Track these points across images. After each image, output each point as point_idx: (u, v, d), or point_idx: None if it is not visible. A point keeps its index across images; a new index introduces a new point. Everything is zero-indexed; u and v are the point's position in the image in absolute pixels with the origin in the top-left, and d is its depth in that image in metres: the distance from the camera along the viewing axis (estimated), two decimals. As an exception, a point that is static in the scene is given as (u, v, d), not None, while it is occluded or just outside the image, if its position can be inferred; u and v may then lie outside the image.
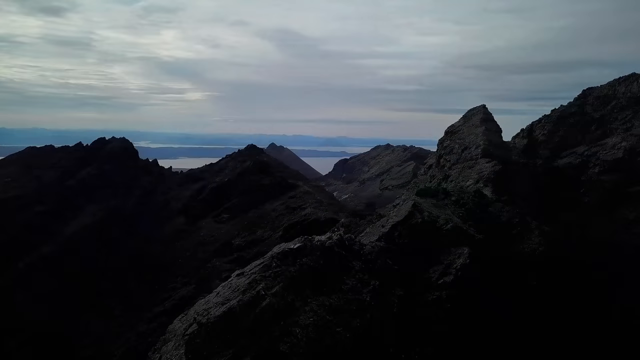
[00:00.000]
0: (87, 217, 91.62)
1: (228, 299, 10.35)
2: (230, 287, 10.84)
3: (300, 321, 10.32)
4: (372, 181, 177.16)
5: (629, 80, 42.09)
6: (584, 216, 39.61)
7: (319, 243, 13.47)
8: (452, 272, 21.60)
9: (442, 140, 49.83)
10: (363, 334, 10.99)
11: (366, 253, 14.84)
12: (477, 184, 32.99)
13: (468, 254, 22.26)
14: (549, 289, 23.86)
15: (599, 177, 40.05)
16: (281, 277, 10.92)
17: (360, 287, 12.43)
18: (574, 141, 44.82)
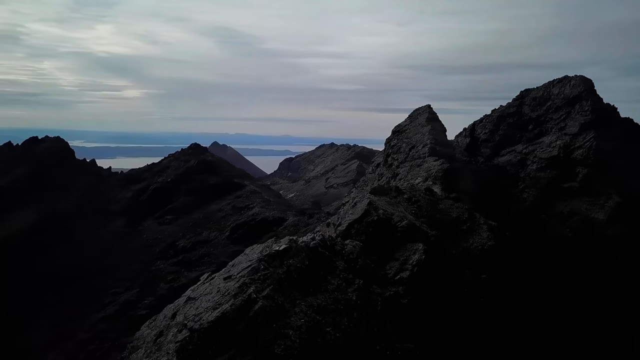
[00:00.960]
0: (19, 221, 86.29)
1: (219, 303, 10.11)
2: (220, 291, 10.58)
3: (292, 323, 10.27)
4: (318, 180, 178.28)
5: (562, 83, 44.73)
6: (524, 211, 41.75)
7: (304, 244, 13.44)
8: (408, 268, 22.06)
9: (389, 139, 50.91)
10: (352, 333, 11.07)
11: (348, 252, 14.94)
12: (427, 182, 33.98)
13: (423, 250, 22.84)
14: (499, 282, 24.96)
15: (536, 173, 42.29)
16: (270, 279, 10.81)
17: (345, 286, 12.52)
18: (513, 140, 47.12)
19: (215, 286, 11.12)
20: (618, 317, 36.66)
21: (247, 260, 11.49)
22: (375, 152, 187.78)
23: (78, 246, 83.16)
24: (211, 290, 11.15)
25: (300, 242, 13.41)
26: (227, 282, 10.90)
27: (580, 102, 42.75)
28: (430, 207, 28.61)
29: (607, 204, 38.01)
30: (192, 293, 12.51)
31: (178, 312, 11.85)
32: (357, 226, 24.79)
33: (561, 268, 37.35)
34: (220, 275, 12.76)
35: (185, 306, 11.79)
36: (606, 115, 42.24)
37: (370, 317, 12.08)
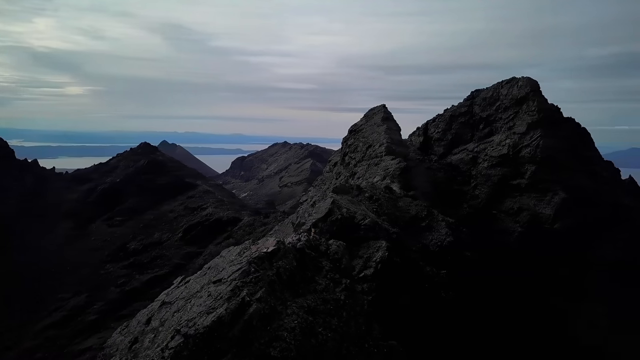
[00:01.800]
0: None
1: (213, 307, 9.86)
2: (211, 296, 10.32)
3: (286, 325, 10.18)
4: (271, 179, 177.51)
5: (510, 84, 46.59)
6: (476, 207, 43.25)
7: (291, 245, 13.33)
8: (372, 265, 22.36)
9: (346, 138, 51.41)
10: (342, 333, 11.11)
11: (332, 252, 14.97)
12: (385, 180, 34.57)
13: (386, 247, 23.18)
14: (459, 277, 25.76)
15: (487, 171, 43.86)
16: (262, 282, 10.65)
17: (333, 286, 12.53)
18: (465, 139, 48.65)
19: (205, 290, 10.88)
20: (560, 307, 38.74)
21: (236, 263, 11.29)
22: (329, 151, 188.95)
23: (22, 250, 79.01)
24: (200, 294, 10.90)
25: (287, 243, 13.33)
26: (217, 285, 10.68)
27: (527, 102, 44.67)
28: (390, 205, 29.15)
29: (553, 199, 39.96)
30: (166, 297, 12.16)
31: (153, 317, 11.52)
32: (321, 225, 24.87)
33: (512, 261, 39.01)
34: (196, 279, 12.50)
35: (160, 311, 11.47)
36: (551, 115, 44.38)
37: (358, 316, 12.20)
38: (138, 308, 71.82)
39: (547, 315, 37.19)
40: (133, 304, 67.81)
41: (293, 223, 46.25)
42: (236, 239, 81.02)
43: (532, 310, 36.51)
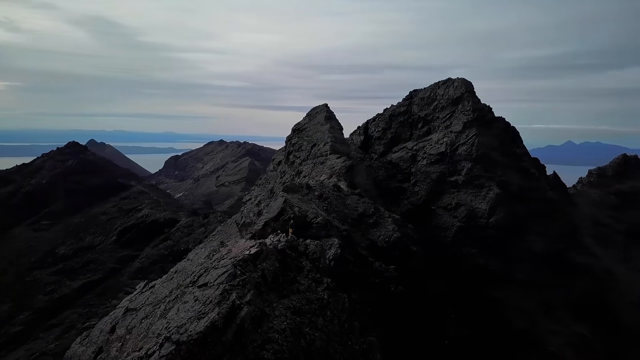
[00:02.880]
0: None
1: (203, 312, 9.62)
2: (199, 301, 10.05)
3: (276, 326, 10.13)
4: (207, 178, 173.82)
5: (446, 85, 48.67)
6: (416, 203, 44.85)
7: (272, 246, 13.20)
8: (326, 262, 22.73)
9: (289, 137, 51.53)
10: (328, 331, 11.22)
11: (311, 252, 14.97)
12: (331, 179, 35.07)
13: (338, 244, 23.64)
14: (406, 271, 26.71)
15: (426, 168, 45.59)
16: (249, 284, 10.51)
17: (315, 286, 12.58)
18: (404, 137, 50.27)
19: (190, 295, 10.62)
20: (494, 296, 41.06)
21: (220, 266, 11.11)
22: (267, 149, 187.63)
23: None
24: (185, 299, 10.63)
25: (269, 245, 13.26)
26: (204, 290, 10.46)
27: (462, 102, 46.88)
28: (339, 203, 29.69)
29: (488, 195, 42.25)
30: (130, 304, 11.76)
31: (117, 325, 11.12)
32: (274, 224, 24.96)
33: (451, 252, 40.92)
34: (163, 283, 12.19)
35: (125, 318, 11.09)
36: (484, 115, 46.86)
37: (341, 314, 12.40)
38: (69, 316, 68.02)
39: (483, 303, 39.32)
40: (64, 312, 64.32)
41: (237, 223, 45.89)
42: (174, 240, 78.98)
43: (471, 299, 38.45)
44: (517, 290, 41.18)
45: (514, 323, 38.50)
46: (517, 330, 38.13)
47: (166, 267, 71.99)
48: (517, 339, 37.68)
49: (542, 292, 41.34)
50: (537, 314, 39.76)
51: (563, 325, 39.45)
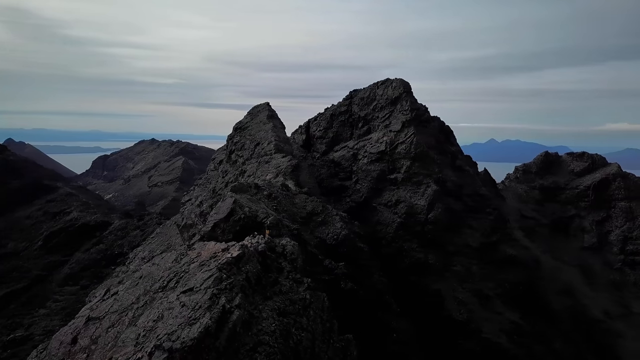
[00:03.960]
0: None
1: (194, 318, 9.24)
2: (186, 306, 9.66)
3: (265, 329, 9.96)
4: (139, 178, 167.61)
5: (385, 85, 50.02)
6: (358, 201, 45.77)
7: (253, 249, 12.91)
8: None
9: (231, 136, 50.85)
10: (312, 331, 11.20)
11: (289, 253, 14.78)
12: (278, 178, 35.05)
13: (291, 244, 23.69)
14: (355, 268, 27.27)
15: (367, 167, 46.63)
16: (236, 287, 10.23)
17: (296, 286, 12.47)
18: (345, 136, 51.11)
19: (176, 301, 10.21)
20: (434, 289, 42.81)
21: (205, 270, 10.78)
22: (202, 148, 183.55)
23: None
24: (170, 305, 10.23)
25: (250, 247, 13.01)
26: (190, 295, 10.10)
27: (400, 102, 48.36)
28: (288, 202, 29.77)
29: (426, 192, 43.91)
30: (92, 313, 11.17)
31: (79, 335, 10.56)
32: (224, 225, 24.60)
33: (393, 248, 42.16)
34: (127, 289, 11.71)
35: (87, 328, 10.54)
36: (421, 114, 48.62)
37: (322, 313, 12.44)
38: (-11, 329, 63.22)
39: (425, 296, 40.90)
40: (-16, 324, 59.76)
41: (178, 225, 44.65)
42: (107, 244, 75.52)
43: (413, 292, 39.87)
44: (455, 282, 43.18)
45: (453, 314, 40.32)
46: (456, 320, 39.97)
47: (99, 272, 68.94)
48: (457, 328, 39.52)
49: (477, 284, 43.61)
50: (473, 304, 41.87)
51: (497, 314, 41.82)
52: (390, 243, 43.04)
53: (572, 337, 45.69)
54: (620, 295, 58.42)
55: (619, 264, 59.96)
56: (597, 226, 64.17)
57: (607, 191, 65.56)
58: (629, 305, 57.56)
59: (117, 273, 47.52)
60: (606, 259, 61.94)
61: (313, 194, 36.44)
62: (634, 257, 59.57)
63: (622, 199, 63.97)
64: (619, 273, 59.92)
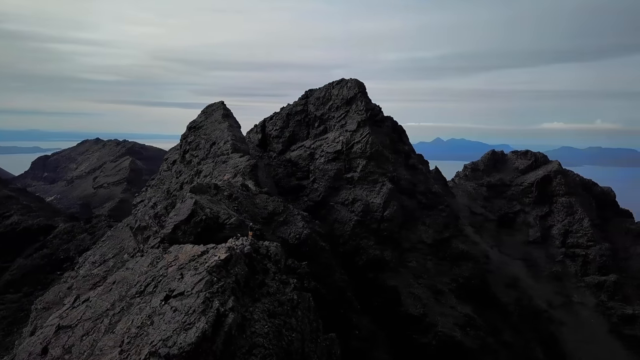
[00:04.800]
0: None
1: (188, 322, 8.92)
2: (179, 311, 9.32)
3: (258, 331, 9.79)
4: (83, 179, 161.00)
5: (340, 85, 50.54)
6: (316, 200, 46.04)
7: (239, 251, 12.60)
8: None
9: (185, 135, 49.81)
10: (301, 331, 11.13)
11: (273, 254, 14.54)
12: (237, 178, 34.67)
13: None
14: (317, 264, 27.46)
15: (324, 166, 46.98)
16: (227, 290, 9.97)
17: (283, 287, 12.31)
18: (301, 136, 51.25)
19: (166, 306, 9.86)
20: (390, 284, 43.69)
21: (194, 274, 10.46)
22: (150, 147, 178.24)
23: None
24: (160, 310, 9.87)
25: (236, 249, 12.75)
26: (181, 299, 9.77)
27: (355, 102, 49.02)
28: (249, 203, 29.55)
29: (382, 190, 44.75)
30: (61, 321, 10.67)
31: (50, 345, 10.09)
32: (185, 227, 24.16)
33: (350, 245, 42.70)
34: (101, 296, 11.28)
35: (58, 337, 10.07)
36: (376, 114, 49.49)
37: (309, 313, 12.40)
38: None
39: (382, 292, 41.67)
40: None
41: (132, 227, 43.37)
42: (52, 249, 72.22)
43: (371, 288, 40.54)
44: (411, 278, 44.26)
45: (410, 309, 41.30)
46: (413, 315, 40.96)
47: (43, 279, 65.84)
48: (413, 323, 40.51)
49: (432, 279, 44.91)
50: (428, 299, 43.06)
51: (451, 308, 43.20)
52: (347, 241, 43.56)
53: (520, 327, 47.92)
54: (561, 286, 61.78)
55: (561, 257, 63.39)
56: (541, 221, 67.54)
57: (549, 187, 69.11)
58: (570, 295, 60.99)
59: (65, 279, 45.53)
60: (549, 252, 65.32)
61: (272, 194, 36.36)
62: (574, 250, 63.14)
63: (562, 195, 67.63)
64: (560, 265, 63.34)
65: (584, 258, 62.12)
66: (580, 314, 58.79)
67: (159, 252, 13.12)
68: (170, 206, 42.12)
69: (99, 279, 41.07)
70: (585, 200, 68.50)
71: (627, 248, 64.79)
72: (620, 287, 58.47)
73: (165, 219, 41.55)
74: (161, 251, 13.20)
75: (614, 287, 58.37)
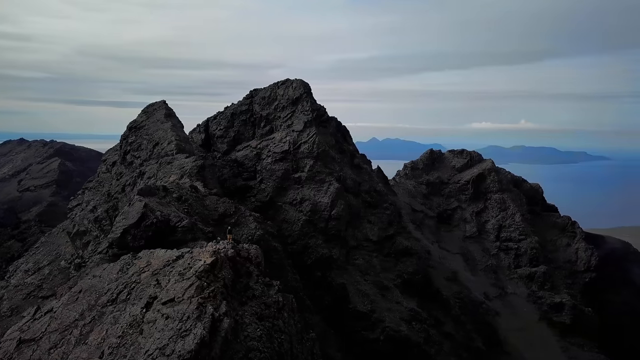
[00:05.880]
0: None
1: (184, 329, 8.47)
2: (172, 318, 8.84)
3: (251, 334, 9.52)
4: (6, 182, 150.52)
5: (286, 85, 50.58)
6: (264, 200, 45.82)
7: (224, 254, 12.14)
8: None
9: (125, 135, 47.91)
10: (289, 333, 10.98)
11: (253, 257, 14.12)
12: (184, 179, 33.86)
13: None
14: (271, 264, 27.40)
15: (271, 166, 46.85)
16: (219, 295, 9.61)
17: (267, 290, 12.03)
18: (247, 136, 50.82)
19: (157, 313, 9.37)
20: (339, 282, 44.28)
21: (180, 280, 10.01)
22: (80, 148, 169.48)
23: None
24: (149, 318, 9.37)
25: (221, 253, 12.33)
26: (173, 306, 9.30)
27: (301, 102, 49.25)
28: (199, 205, 29.01)
29: (329, 189, 45.27)
30: (23, 334, 9.93)
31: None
32: (135, 231, 23.41)
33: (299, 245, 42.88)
34: (67, 306, 10.64)
35: (20, 352, 9.37)
36: (322, 114, 49.99)
37: (294, 314, 12.26)
38: None
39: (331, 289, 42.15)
40: None
41: (69, 232, 41.36)
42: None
43: (321, 286, 40.92)
44: (358, 275, 45.07)
45: (358, 306, 42.05)
46: (361, 312, 41.74)
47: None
48: (362, 320, 41.30)
49: (378, 275, 45.96)
50: (375, 295, 44.03)
51: (397, 303, 44.41)
52: (296, 240, 43.69)
53: (460, 319, 50.01)
54: (496, 278, 65.18)
55: (495, 250, 66.85)
56: (476, 217, 70.85)
57: (483, 185, 72.64)
58: (504, 286, 64.48)
59: (-7, 289, 42.52)
60: (484, 246, 68.69)
61: (221, 195, 35.82)
62: (507, 244, 66.78)
63: (496, 192, 71.31)
64: (495, 258, 66.80)
65: (516, 251, 65.84)
66: (513, 304, 62.31)
67: (128, 257, 12.62)
68: (112, 209, 40.48)
69: (34, 288, 38.75)
70: (516, 197, 72.55)
71: (554, 241, 69.37)
72: (549, 278, 62.46)
73: (106, 222, 39.90)
74: (130, 257, 12.71)
75: (543, 277, 62.26)
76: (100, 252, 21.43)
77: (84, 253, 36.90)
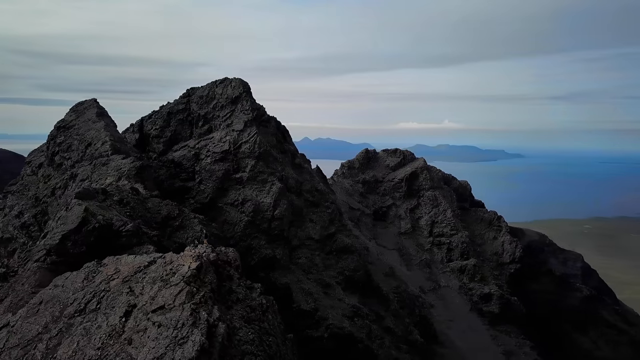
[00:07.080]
0: None
1: (181, 337, 7.90)
2: (165, 326, 8.25)
3: (244, 338, 9.15)
4: None
5: (224, 84, 49.77)
6: (203, 202, 44.84)
7: (207, 259, 11.50)
8: None
9: (53, 135, 45.01)
10: (275, 335, 10.71)
11: (232, 259, 13.50)
12: (122, 181, 32.44)
13: (153, 251, 22.57)
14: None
15: (211, 167, 45.94)
16: (209, 300, 9.10)
17: (250, 293, 11.58)
18: (184, 135, 49.49)
19: (147, 322, 8.75)
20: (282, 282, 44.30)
21: (165, 286, 9.41)
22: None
23: None
24: (141, 327, 8.75)
25: (204, 257, 11.74)
26: (164, 313, 8.71)
27: (241, 101, 48.67)
28: (141, 208, 27.95)
29: (271, 189, 45.11)
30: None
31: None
32: (75, 237, 22.21)
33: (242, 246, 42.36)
34: (28, 318, 9.82)
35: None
36: (262, 114, 49.68)
37: (276, 316, 11.98)
38: None
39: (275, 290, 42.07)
40: None
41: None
42: None
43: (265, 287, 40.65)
44: (301, 274, 45.32)
45: (302, 305, 42.29)
46: (305, 310, 42.02)
47: None
48: (306, 318, 41.58)
49: (321, 273, 46.46)
50: (318, 293, 44.49)
51: (339, 300, 45.16)
52: (238, 242, 43.09)
53: (399, 313, 51.71)
54: (430, 272, 68.03)
55: (429, 245, 69.71)
56: (410, 213, 73.49)
57: (416, 182, 75.46)
58: (438, 280, 67.42)
59: None
60: (418, 242, 71.43)
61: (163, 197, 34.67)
62: (440, 239, 69.84)
63: (428, 189, 74.32)
64: (429, 253, 69.65)
65: (448, 245, 69.02)
66: (446, 296, 65.33)
67: (93, 265, 11.95)
68: (41, 214, 38.01)
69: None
70: (447, 194, 76.03)
71: (482, 234, 73.44)
72: (478, 270, 66.04)
73: (34, 228, 37.38)
74: (95, 264, 12.04)
75: (473, 270, 65.76)
76: (38, 261, 20.14)
77: (9, 262, 34.38)
